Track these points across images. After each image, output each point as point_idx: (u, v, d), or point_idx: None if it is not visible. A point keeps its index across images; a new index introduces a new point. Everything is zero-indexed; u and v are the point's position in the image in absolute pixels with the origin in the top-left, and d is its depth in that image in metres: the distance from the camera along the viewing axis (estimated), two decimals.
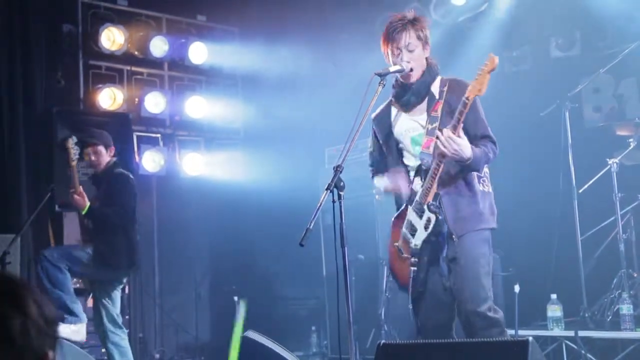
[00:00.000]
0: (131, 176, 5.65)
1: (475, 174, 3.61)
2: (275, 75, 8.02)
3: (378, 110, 3.88)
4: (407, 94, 3.68)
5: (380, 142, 3.86)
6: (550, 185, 6.37)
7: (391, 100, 3.82)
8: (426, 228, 3.57)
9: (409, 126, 3.71)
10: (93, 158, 5.53)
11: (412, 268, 3.59)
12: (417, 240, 3.60)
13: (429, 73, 3.68)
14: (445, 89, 3.58)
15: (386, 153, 3.83)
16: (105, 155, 5.56)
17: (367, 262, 6.81)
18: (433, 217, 3.54)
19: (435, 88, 3.67)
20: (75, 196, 5.31)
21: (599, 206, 6.10)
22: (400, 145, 3.77)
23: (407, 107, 3.72)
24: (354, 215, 4.40)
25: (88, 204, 5.31)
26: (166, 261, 8.04)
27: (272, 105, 8.07)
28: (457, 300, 3.58)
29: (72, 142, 5.48)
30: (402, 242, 3.68)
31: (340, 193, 3.29)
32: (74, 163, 5.45)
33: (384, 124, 3.83)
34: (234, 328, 5.09)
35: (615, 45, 6.35)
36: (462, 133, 3.40)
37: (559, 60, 7.12)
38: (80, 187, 5.35)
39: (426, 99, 3.65)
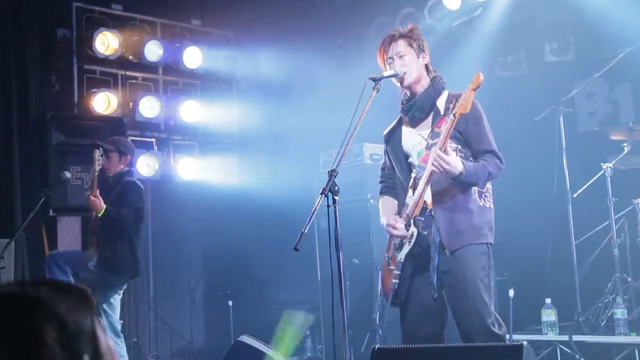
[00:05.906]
0: (141, 186, 5.71)
1: (476, 188, 3.58)
2: (270, 80, 8.03)
3: (389, 128, 3.92)
4: (412, 109, 3.70)
5: (391, 157, 3.87)
6: (544, 189, 6.39)
7: (401, 117, 3.85)
8: (409, 242, 3.58)
9: (415, 141, 3.73)
10: (104, 161, 5.65)
11: (394, 280, 3.63)
12: (402, 254, 3.62)
13: (434, 87, 3.69)
14: (452, 105, 3.54)
15: (396, 168, 3.83)
16: (117, 163, 5.69)
17: (361, 266, 6.80)
18: (415, 232, 3.56)
19: (441, 103, 3.67)
20: (92, 198, 5.40)
21: (593, 211, 6.11)
22: (410, 159, 3.78)
23: (413, 122, 3.75)
24: (348, 219, 4.38)
25: (104, 206, 5.38)
26: (161, 266, 8.02)
27: (267, 109, 8.07)
28: (456, 316, 3.55)
29: (98, 154, 5.63)
30: (392, 254, 3.73)
31: (335, 197, 3.30)
32: (96, 173, 5.60)
33: (393, 139, 3.85)
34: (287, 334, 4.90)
35: (610, 50, 6.36)
36: (449, 149, 3.43)
37: (553, 65, 7.13)
38: (97, 191, 5.45)
39: (431, 114, 3.64)
